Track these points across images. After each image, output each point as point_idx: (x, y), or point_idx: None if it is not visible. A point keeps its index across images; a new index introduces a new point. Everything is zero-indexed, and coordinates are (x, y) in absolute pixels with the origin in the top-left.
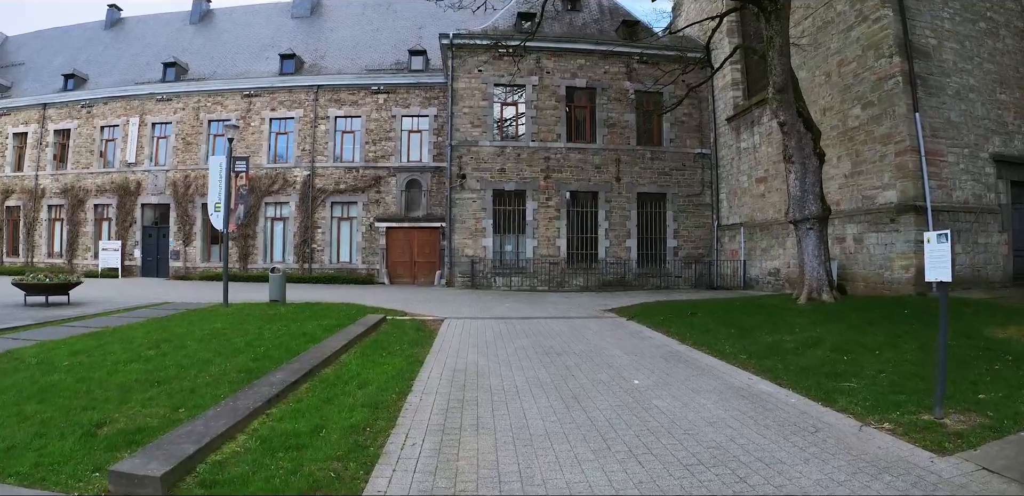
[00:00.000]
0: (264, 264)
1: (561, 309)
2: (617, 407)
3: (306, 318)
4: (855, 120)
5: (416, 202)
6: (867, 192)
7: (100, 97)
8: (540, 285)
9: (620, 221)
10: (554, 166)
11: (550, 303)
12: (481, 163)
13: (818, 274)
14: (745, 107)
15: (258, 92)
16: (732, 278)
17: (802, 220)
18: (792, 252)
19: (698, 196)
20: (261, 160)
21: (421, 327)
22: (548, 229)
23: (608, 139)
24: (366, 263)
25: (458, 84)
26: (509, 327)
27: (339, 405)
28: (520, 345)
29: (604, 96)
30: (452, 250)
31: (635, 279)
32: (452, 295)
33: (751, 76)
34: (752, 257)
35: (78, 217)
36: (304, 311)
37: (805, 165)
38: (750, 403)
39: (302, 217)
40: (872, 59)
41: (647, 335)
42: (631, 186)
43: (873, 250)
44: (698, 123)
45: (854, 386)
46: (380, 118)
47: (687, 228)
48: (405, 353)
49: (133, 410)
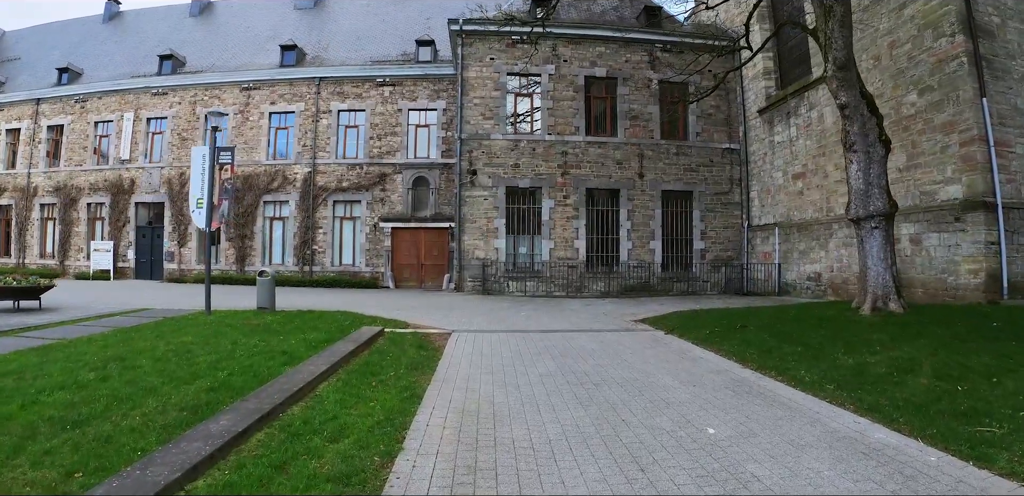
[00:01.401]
0: (263, 266)
1: (584, 319)
2: (700, 479)
3: (292, 330)
4: (910, 107)
5: (423, 201)
6: (925, 187)
7: (94, 91)
8: (557, 290)
9: (643, 221)
10: (572, 161)
11: (571, 311)
12: (493, 158)
13: (884, 280)
14: (779, 97)
15: (257, 85)
16: (765, 283)
17: (866, 217)
18: (836, 255)
19: (726, 194)
20: (260, 156)
21: (424, 343)
22: (565, 229)
23: (630, 132)
24: (370, 266)
25: (468, 73)
26: (528, 343)
27: (294, 477)
28: (546, 370)
29: (625, 86)
30: (461, 252)
31: (659, 284)
32: (461, 301)
33: (784, 65)
34: (788, 260)
35: (71, 216)
36: (292, 321)
37: (869, 154)
38: (878, 466)
39: (302, 217)
40: (930, 39)
41: (697, 355)
42: (655, 183)
43: (934, 252)
44: (726, 116)
45: (997, 432)
46: (385, 112)
47: (715, 229)
48: (400, 382)
49: (14, 473)
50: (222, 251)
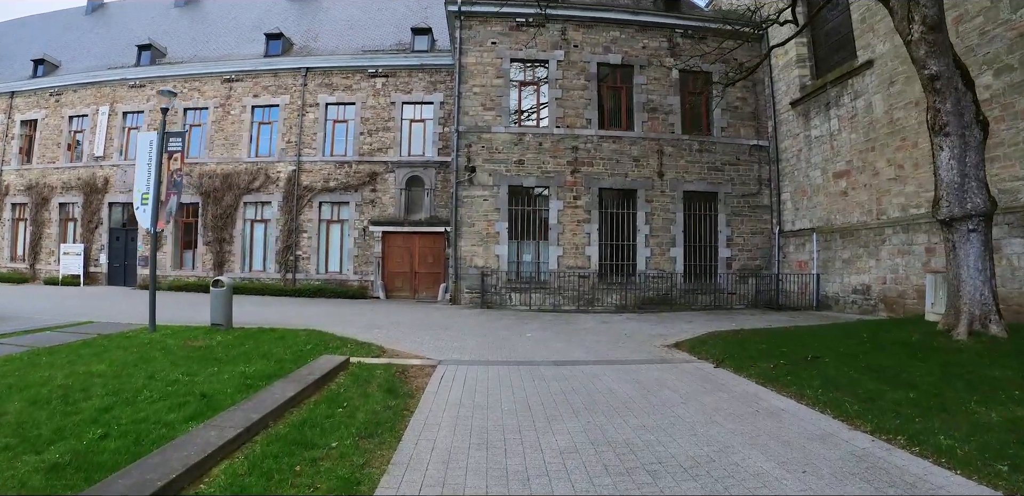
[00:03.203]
0: (243, 272)
1: (604, 342)
2: None
3: (236, 357)
4: (984, 91)
5: (418, 202)
6: (1005, 184)
7: (69, 84)
8: (566, 303)
9: (663, 225)
10: (583, 158)
11: (585, 331)
12: (494, 153)
13: (983, 296)
14: (817, 87)
15: (239, 76)
16: (800, 296)
17: (962, 218)
18: (889, 264)
19: (755, 196)
20: (241, 153)
21: (396, 384)
22: (576, 234)
23: (648, 126)
24: (358, 274)
25: (468, 59)
26: (538, 385)
27: None
28: (568, 442)
29: (643, 75)
30: (458, 259)
31: (681, 296)
32: (456, 317)
33: (819, 51)
34: (829, 270)
35: (42, 217)
36: (243, 343)
37: (965, 138)
38: None
39: (286, 219)
40: (1007, 11)
41: (774, 405)
42: (676, 183)
43: (1017, 262)
44: (753, 109)
45: None
46: (377, 105)
47: (742, 234)
48: (339, 469)
49: None
50: (199, 256)
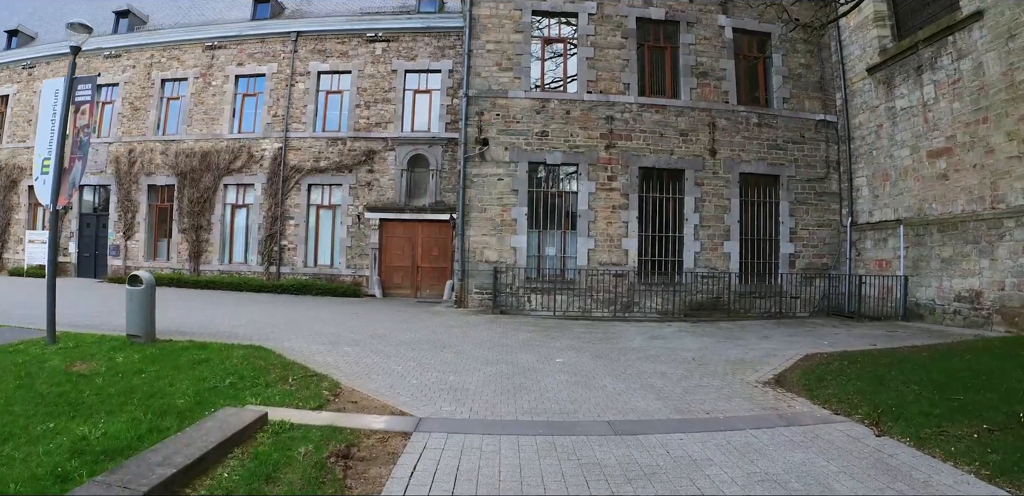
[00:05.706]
0: (222, 264)
1: (672, 376)
2: None
3: (107, 399)
4: None
5: (422, 185)
6: None
7: (42, 56)
8: (598, 308)
9: (716, 214)
10: (620, 130)
11: (635, 352)
12: (511, 123)
13: None
14: (903, 48)
15: (223, 42)
16: (880, 302)
17: None
18: (1010, 265)
19: (822, 181)
20: (222, 129)
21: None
22: (611, 224)
23: (698, 94)
24: (351, 268)
25: (480, 10)
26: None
27: None
28: None
29: (690, 33)
30: (465, 252)
31: (736, 300)
32: (460, 327)
33: (901, 8)
34: (921, 271)
35: (10, 202)
36: (145, 369)
37: None
38: None
39: (270, 204)
40: None
41: None
42: (731, 163)
43: None
44: (819, 79)
45: None
46: (377, 74)
47: (807, 227)
48: None
49: None
50: (174, 245)
